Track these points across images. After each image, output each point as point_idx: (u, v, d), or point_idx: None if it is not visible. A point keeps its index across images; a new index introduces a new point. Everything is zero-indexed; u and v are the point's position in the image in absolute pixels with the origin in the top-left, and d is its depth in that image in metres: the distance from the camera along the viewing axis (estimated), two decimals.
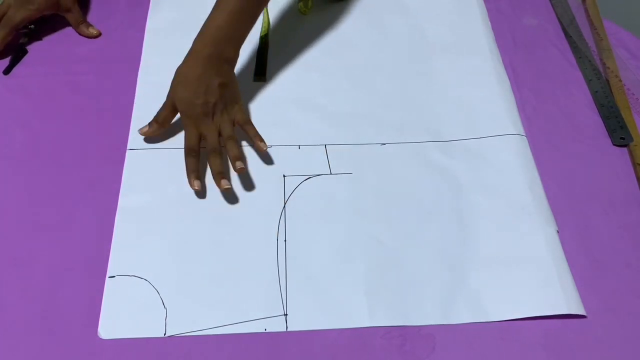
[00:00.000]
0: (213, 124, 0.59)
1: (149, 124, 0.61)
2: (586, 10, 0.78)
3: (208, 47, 0.59)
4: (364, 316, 0.51)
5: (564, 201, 0.59)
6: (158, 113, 0.61)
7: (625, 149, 0.63)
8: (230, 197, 0.58)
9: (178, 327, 0.50)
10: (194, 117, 0.59)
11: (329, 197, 0.58)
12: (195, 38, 0.60)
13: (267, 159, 0.61)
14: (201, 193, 0.58)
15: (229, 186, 0.57)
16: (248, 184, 0.59)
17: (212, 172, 0.58)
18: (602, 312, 0.51)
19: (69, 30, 0.74)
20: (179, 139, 0.62)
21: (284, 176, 0.60)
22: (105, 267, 0.53)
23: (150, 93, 0.64)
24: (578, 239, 0.56)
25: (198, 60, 0.59)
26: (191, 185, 0.57)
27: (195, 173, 0.57)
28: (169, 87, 0.61)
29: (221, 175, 0.57)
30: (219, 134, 0.60)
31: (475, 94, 0.67)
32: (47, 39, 0.73)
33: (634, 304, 0.52)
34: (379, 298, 0.52)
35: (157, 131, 0.61)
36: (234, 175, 0.60)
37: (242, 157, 0.58)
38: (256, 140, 0.60)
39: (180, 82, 0.59)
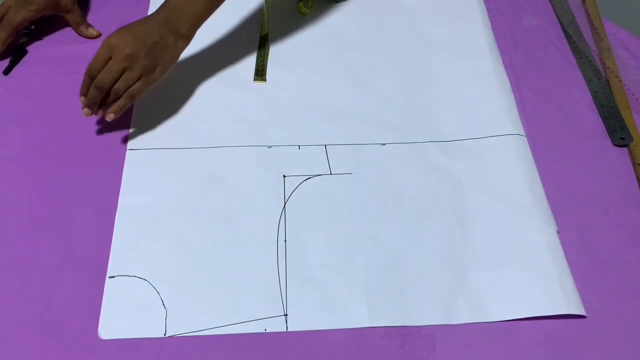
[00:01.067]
0: (122, 61, 0.57)
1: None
2: (586, 10, 0.78)
3: (163, 14, 0.60)
4: (364, 316, 0.51)
5: (564, 201, 0.59)
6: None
7: (625, 149, 0.63)
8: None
9: (178, 327, 0.50)
10: (114, 45, 0.57)
11: (329, 197, 0.58)
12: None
13: (268, 158, 0.61)
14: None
15: (91, 114, 0.59)
16: (248, 184, 0.59)
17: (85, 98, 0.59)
18: (602, 312, 0.51)
19: (69, 30, 0.74)
20: (179, 139, 0.62)
21: (284, 176, 0.60)
22: (105, 267, 0.53)
23: (150, 93, 0.64)
24: (578, 239, 0.56)
25: (149, 20, 0.60)
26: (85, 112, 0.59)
27: (95, 106, 0.59)
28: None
29: (91, 105, 0.59)
30: (119, 79, 0.58)
31: (475, 94, 0.67)
32: (47, 39, 0.73)
33: (634, 304, 0.52)
34: (379, 298, 0.52)
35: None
36: (234, 177, 0.60)
37: (120, 113, 0.59)
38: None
39: (123, 27, 0.59)
